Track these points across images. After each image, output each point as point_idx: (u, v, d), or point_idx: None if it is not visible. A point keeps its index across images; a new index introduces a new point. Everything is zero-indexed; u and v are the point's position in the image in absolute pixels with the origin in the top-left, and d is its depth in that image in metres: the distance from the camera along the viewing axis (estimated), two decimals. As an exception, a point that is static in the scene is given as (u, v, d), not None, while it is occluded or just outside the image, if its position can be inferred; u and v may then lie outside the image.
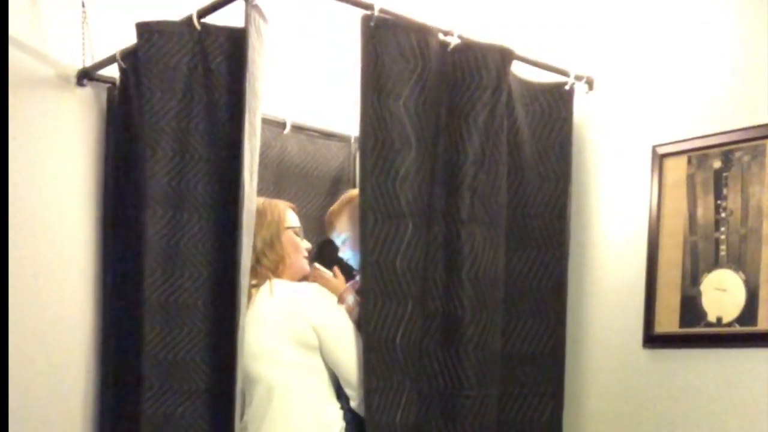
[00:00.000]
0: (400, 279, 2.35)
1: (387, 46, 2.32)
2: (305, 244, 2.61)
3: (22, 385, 2.51)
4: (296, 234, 2.57)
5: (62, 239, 2.63)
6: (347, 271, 2.61)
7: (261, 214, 2.48)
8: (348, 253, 2.59)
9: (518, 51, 2.54)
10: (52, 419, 2.60)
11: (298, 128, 3.09)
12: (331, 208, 2.66)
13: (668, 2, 2.64)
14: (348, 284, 2.54)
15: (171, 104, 2.39)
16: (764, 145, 2.40)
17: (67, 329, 2.63)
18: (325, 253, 2.78)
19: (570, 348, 2.70)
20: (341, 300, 2.48)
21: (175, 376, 2.36)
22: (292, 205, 2.64)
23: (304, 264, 2.59)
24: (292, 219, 2.58)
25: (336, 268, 2.61)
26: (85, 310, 2.67)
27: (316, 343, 2.41)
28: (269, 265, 2.48)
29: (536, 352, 2.63)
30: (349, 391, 2.42)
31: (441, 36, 2.44)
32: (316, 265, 2.60)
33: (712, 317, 2.48)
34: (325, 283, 2.53)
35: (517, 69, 2.59)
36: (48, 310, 2.60)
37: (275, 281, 2.46)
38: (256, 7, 2.23)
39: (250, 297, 2.40)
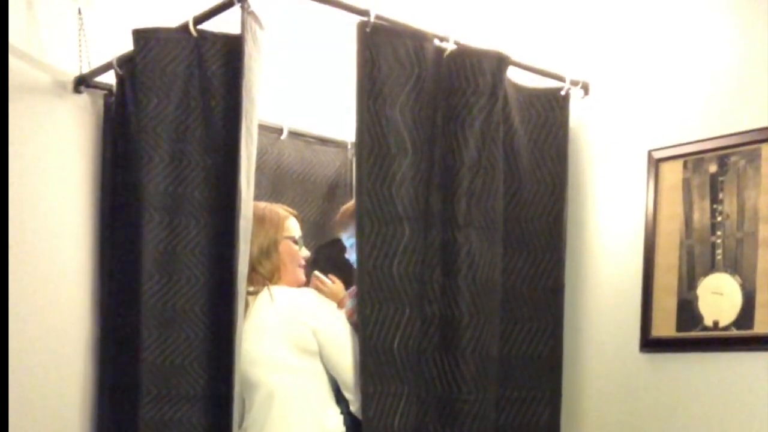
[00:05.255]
0: (397, 284, 2.35)
1: (383, 52, 2.33)
2: (304, 253, 2.61)
3: (20, 391, 2.51)
4: (295, 243, 2.57)
5: (60, 245, 2.63)
6: (346, 275, 2.61)
7: (260, 221, 2.48)
8: (354, 257, 2.59)
9: (514, 56, 2.55)
10: (50, 425, 2.60)
11: (294, 134, 3.09)
12: (347, 207, 2.65)
13: (664, 7, 2.65)
14: (348, 290, 2.54)
15: (168, 110, 2.39)
16: (760, 149, 2.41)
17: (64, 335, 2.63)
18: (324, 256, 2.78)
19: (567, 352, 2.70)
20: (341, 305, 2.49)
21: (173, 381, 2.36)
22: (294, 212, 2.64)
23: (300, 274, 2.59)
24: (291, 228, 2.58)
25: (331, 276, 2.62)
26: (83, 316, 2.67)
27: (315, 347, 2.41)
28: (265, 273, 2.48)
29: (534, 356, 2.63)
30: (349, 395, 2.42)
31: (437, 42, 2.45)
32: (316, 273, 2.60)
33: (708, 321, 2.48)
34: (323, 292, 2.53)
35: (513, 74, 2.59)
36: (46, 315, 2.60)
37: (274, 288, 2.46)
38: (252, 13, 2.23)
39: (246, 304, 2.40)
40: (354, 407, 2.41)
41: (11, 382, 2.41)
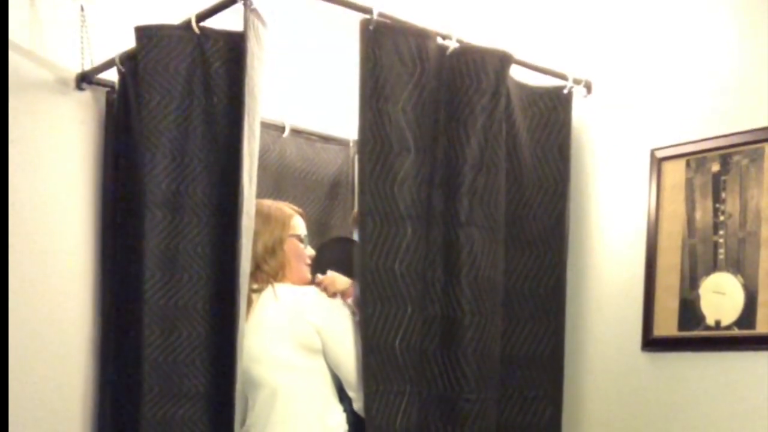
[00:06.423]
0: (399, 282, 2.35)
1: (386, 50, 2.32)
2: (309, 252, 2.61)
3: (21, 389, 2.51)
4: (300, 241, 2.57)
5: (62, 243, 2.63)
6: (348, 274, 2.61)
7: (266, 218, 2.48)
8: None
9: (517, 55, 2.54)
10: (52, 423, 2.60)
11: (297, 132, 3.09)
12: None
13: (666, 6, 2.64)
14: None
15: (170, 108, 2.39)
16: (763, 148, 2.41)
17: (66, 333, 2.63)
18: (326, 254, 2.77)
19: (569, 351, 2.70)
20: (348, 294, 2.48)
21: (175, 379, 2.36)
22: (300, 210, 2.63)
23: (306, 272, 2.58)
24: (297, 226, 2.57)
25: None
26: (84, 314, 2.67)
27: (319, 345, 2.41)
28: (270, 271, 2.48)
29: (535, 355, 2.63)
30: (351, 393, 2.42)
31: (440, 40, 2.44)
32: (318, 276, 2.60)
33: (710, 320, 2.48)
34: (334, 287, 2.50)
35: (516, 73, 2.59)
36: (47, 314, 2.60)
37: (278, 286, 2.46)
38: (254, 11, 2.23)
39: (250, 301, 2.40)
40: (357, 405, 2.41)
41: (12, 381, 2.41)
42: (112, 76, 2.63)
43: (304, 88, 3.13)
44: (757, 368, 2.39)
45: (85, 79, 2.66)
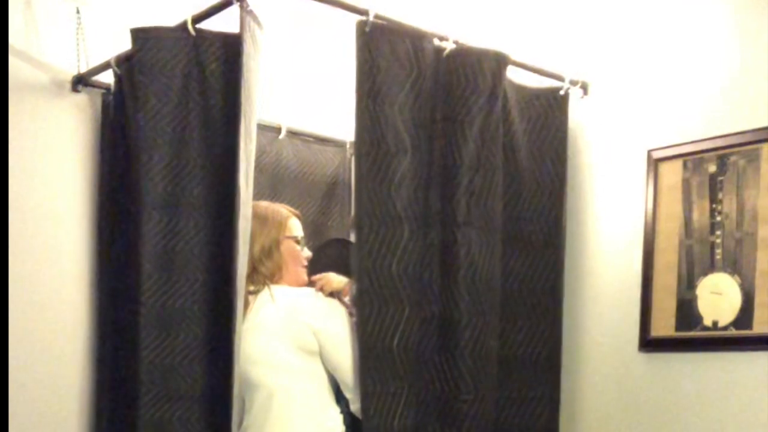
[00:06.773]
0: (396, 283, 2.35)
1: (382, 51, 2.33)
2: (306, 253, 2.61)
3: (19, 390, 2.50)
4: (297, 243, 2.57)
5: (59, 244, 2.62)
6: (345, 275, 2.61)
7: (262, 220, 2.49)
8: None
9: (513, 56, 2.55)
10: (49, 424, 2.60)
11: (293, 133, 3.09)
12: None
13: (663, 7, 2.64)
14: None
15: (166, 110, 2.39)
16: (759, 149, 2.41)
17: (64, 334, 2.63)
18: (322, 256, 2.78)
19: (566, 352, 2.70)
20: (345, 292, 2.48)
21: (172, 381, 2.36)
22: (296, 212, 2.64)
23: (302, 274, 2.59)
24: (293, 227, 2.58)
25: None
26: (81, 316, 2.66)
27: (316, 347, 2.42)
28: (266, 273, 2.48)
29: (533, 356, 2.63)
30: (348, 395, 2.43)
31: (436, 41, 2.45)
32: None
33: (707, 321, 2.48)
34: (330, 285, 2.50)
35: (513, 74, 2.59)
36: (45, 315, 2.59)
37: (275, 287, 2.46)
38: (251, 12, 2.23)
39: (247, 303, 2.40)
40: (354, 407, 2.41)
41: (11, 381, 2.40)
42: (108, 78, 2.63)
43: (301, 89, 3.13)
44: (754, 369, 2.39)
45: (81, 81, 2.65)
